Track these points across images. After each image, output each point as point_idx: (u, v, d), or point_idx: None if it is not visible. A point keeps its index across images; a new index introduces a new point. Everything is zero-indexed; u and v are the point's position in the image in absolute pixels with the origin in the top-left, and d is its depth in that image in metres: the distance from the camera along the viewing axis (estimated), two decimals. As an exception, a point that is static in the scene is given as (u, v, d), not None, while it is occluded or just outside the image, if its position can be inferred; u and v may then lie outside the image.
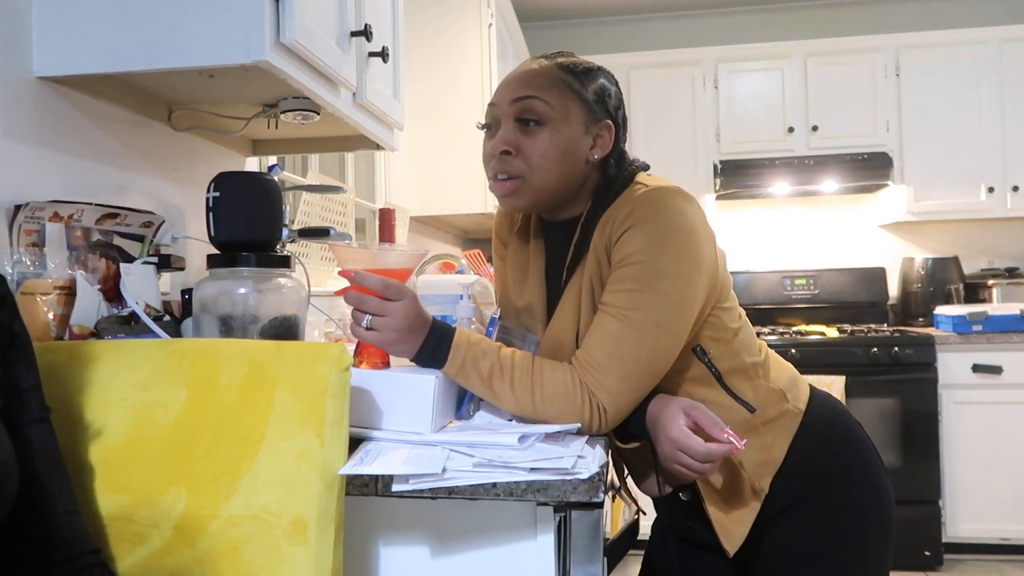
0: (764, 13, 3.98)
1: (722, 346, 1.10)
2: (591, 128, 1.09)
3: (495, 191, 1.09)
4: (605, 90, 1.11)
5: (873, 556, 1.10)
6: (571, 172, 1.08)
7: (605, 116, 1.10)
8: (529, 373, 0.96)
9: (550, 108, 1.05)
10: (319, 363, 0.82)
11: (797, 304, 3.72)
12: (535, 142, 1.05)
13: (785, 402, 1.12)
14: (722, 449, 0.95)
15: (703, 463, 0.97)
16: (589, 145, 1.09)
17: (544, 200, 1.09)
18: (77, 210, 1.07)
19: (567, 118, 1.06)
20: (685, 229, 1.00)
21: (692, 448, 0.96)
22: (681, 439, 0.97)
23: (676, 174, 3.59)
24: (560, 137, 1.05)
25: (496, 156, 1.07)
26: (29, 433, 0.72)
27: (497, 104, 1.09)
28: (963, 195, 3.46)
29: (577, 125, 1.07)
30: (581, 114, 1.08)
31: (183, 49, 1.04)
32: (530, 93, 1.06)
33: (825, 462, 1.12)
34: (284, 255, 1.13)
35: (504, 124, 1.07)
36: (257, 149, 1.68)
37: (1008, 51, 3.44)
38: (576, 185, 1.10)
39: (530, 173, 1.06)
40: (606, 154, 1.11)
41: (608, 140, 1.10)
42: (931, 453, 3.02)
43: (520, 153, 1.06)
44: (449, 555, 0.88)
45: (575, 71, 1.09)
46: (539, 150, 1.05)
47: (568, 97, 1.07)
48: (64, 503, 0.74)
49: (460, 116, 2.76)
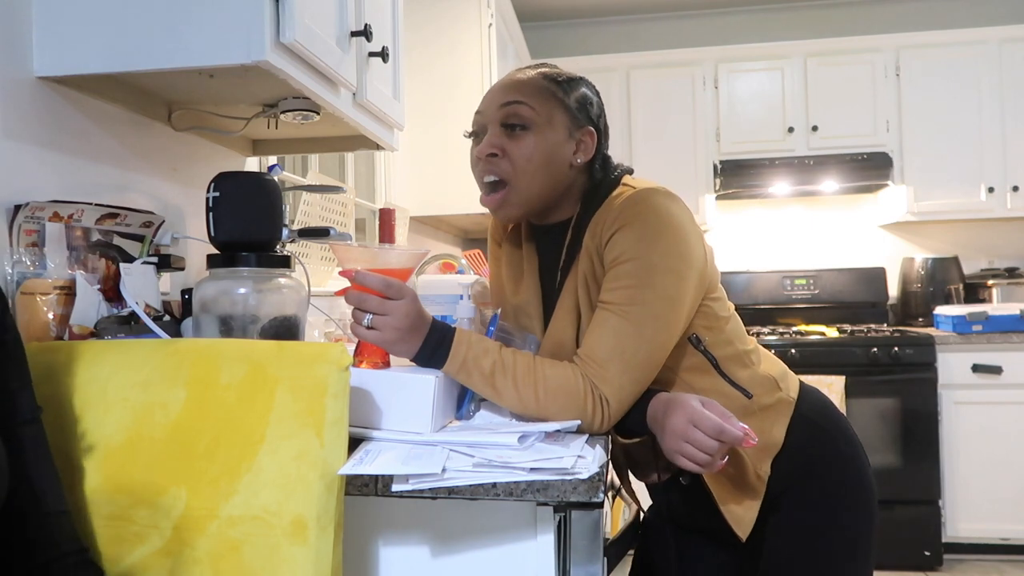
0: (764, 13, 3.98)
1: (715, 334, 1.13)
2: (574, 134, 1.14)
3: (487, 205, 1.14)
4: (587, 98, 1.16)
5: (862, 541, 1.14)
6: (556, 176, 1.12)
7: (587, 123, 1.15)
8: (532, 369, 0.97)
9: (535, 113, 1.10)
10: (319, 363, 0.82)
11: (797, 304, 3.72)
12: (520, 146, 1.10)
13: (778, 390, 1.16)
14: (735, 431, 0.95)
15: (714, 440, 0.95)
16: (572, 150, 1.13)
17: (533, 206, 1.13)
18: (77, 210, 1.07)
19: (551, 123, 1.11)
20: (672, 226, 1.03)
21: (706, 418, 0.95)
22: (696, 411, 0.96)
23: (676, 174, 3.59)
24: (544, 142, 1.10)
25: (483, 159, 1.12)
26: (20, 434, 0.72)
27: (483, 111, 1.14)
28: (963, 195, 3.46)
29: (561, 130, 1.12)
30: (564, 120, 1.12)
31: (183, 49, 1.04)
32: (516, 99, 1.11)
33: (818, 450, 1.15)
34: (284, 255, 1.13)
35: (491, 129, 1.12)
36: (257, 149, 1.68)
37: (1008, 51, 3.44)
38: (562, 189, 1.14)
39: (515, 176, 1.10)
40: (589, 159, 1.15)
41: (591, 145, 1.15)
42: (931, 453, 3.02)
43: (506, 156, 1.10)
44: (449, 555, 0.88)
45: (558, 80, 1.14)
46: (524, 153, 1.09)
47: (552, 104, 1.12)
48: (54, 503, 0.74)
49: (460, 116, 2.76)
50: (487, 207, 1.14)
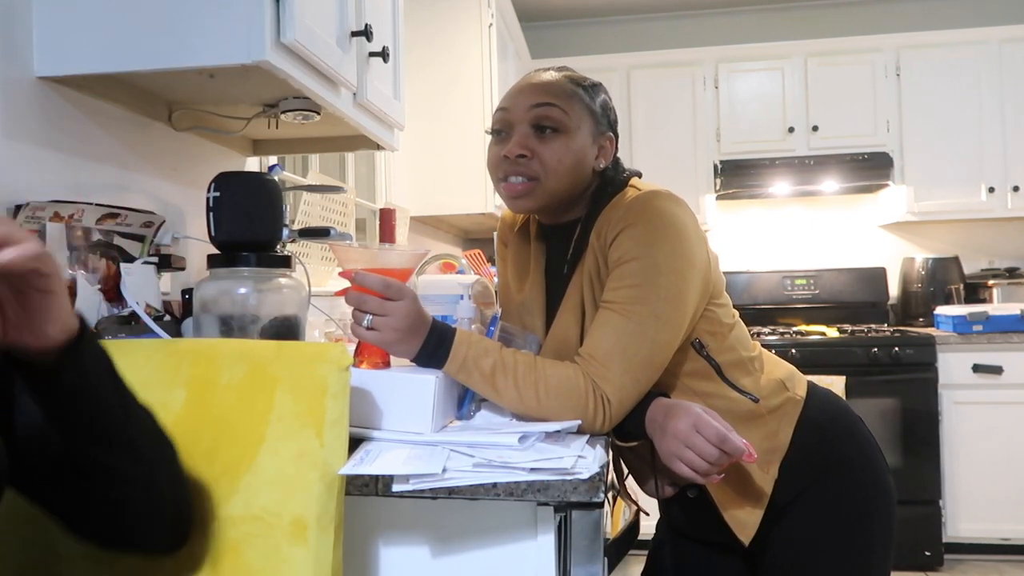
0: (764, 13, 3.98)
1: (719, 340, 1.12)
2: (597, 139, 1.14)
3: (506, 192, 1.12)
4: (608, 104, 1.18)
5: (877, 547, 1.12)
6: (579, 179, 1.12)
7: (608, 128, 1.16)
8: (533, 369, 0.97)
9: (567, 117, 1.10)
10: (319, 363, 0.82)
11: (797, 304, 3.72)
12: (551, 148, 1.09)
13: (785, 391, 1.15)
14: (737, 441, 0.95)
15: (715, 448, 0.95)
16: (595, 155, 1.14)
17: (553, 204, 1.13)
18: (77, 210, 1.07)
19: (580, 128, 1.11)
20: (676, 228, 1.04)
21: (710, 425, 0.95)
22: (700, 417, 0.96)
23: (676, 174, 3.59)
24: (575, 145, 1.10)
25: (511, 159, 1.10)
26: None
27: (510, 109, 1.12)
28: (963, 195, 3.45)
29: (587, 135, 1.12)
30: (591, 125, 1.13)
31: (183, 49, 1.04)
32: (549, 100, 1.10)
33: (828, 453, 1.14)
34: (284, 255, 1.13)
35: (519, 129, 1.11)
36: (257, 149, 1.68)
37: (1008, 51, 3.44)
38: (579, 191, 1.14)
39: (545, 177, 1.09)
40: (607, 163, 1.16)
41: (610, 151, 1.17)
42: (931, 453, 3.02)
43: (535, 157, 1.09)
44: (449, 555, 0.88)
45: (584, 85, 1.15)
46: (556, 156, 1.09)
47: (580, 108, 1.12)
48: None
49: (460, 116, 2.76)
50: (505, 194, 1.12)
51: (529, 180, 1.09)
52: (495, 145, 1.14)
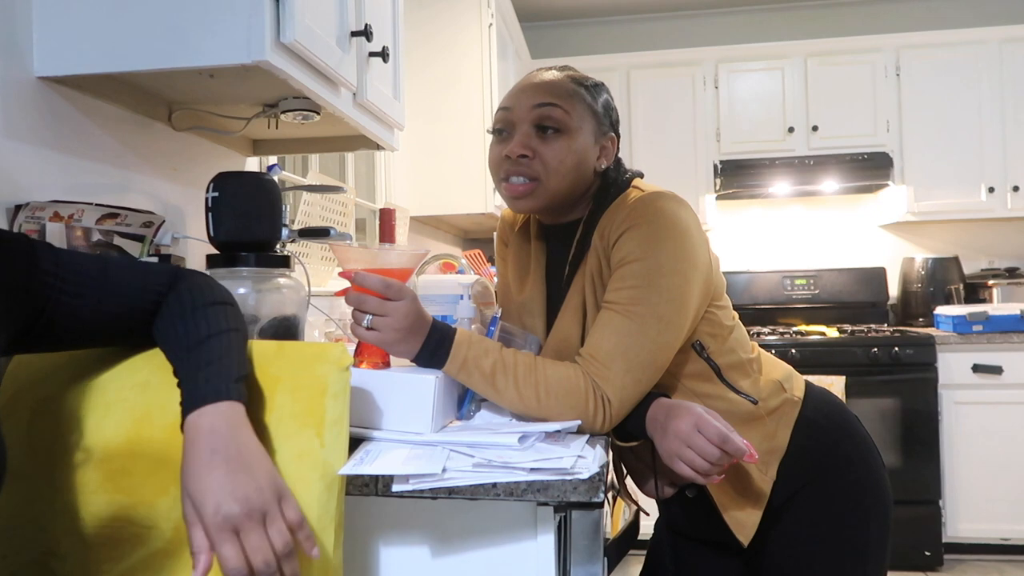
0: (764, 13, 3.98)
1: (719, 342, 1.12)
2: (599, 139, 1.14)
3: (508, 192, 1.12)
4: (610, 104, 1.17)
5: (873, 545, 1.12)
6: (581, 179, 1.12)
7: (610, 129, 1.16)
8: (533, 369, 0.97)
9: (569, 117, 1.10)
10: (319, 363, 0.82)
11: (797, 304, 3.72)
12: (553, 148, 1.09)
13: (783, 392, 1.15)
14: (738, 441, 0.95)
15: (716, 448, 0.95)
16: (596, 155, 1.14)
17: (554, 204, 1.13)
18: (77, 210, 1.07)
19: (582, 128, 1.11)
20: (679, 229, 1.03)
21: (712, 425, 0.95)
22: (702, 417, 0.96)
23: (676, 174, 3.59)
24: (577, 145, 1.10)
25: (512, 159, 1.09)
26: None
27: (512, 109, 1.12)
28: (963, 195, 3.46)
29: (589, 135, 1.12)
30: (593, 126, 1.13)
31: (183, 49, 1.04)
32: (551, 101, 1.10)
33: (825, 453, 1.14)
34: (284, 255, 1.13)
35: (521, 128, 1.10)
36: (257, 149, 1.68)
37: (1008, 51, 3.44)
38: (581, 192, 1.14)
39: (547, 177, 1.09)
40: (609, 164, 1.16)
41: (612, 151, 1.16)
42: (931, 453, 3.02)
43: (537, 157, 1.09)
44: (449, 555, 0.88)
45: (586, 85, 1.14)
46: (558, 156, 1.09)
47: (583, 108, 1.12)
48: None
49: (460, 116, 2.76)
50: (507, 194, 1.12)
51: (531, 180, 1.09)
52: (497, 144, 1.14)
